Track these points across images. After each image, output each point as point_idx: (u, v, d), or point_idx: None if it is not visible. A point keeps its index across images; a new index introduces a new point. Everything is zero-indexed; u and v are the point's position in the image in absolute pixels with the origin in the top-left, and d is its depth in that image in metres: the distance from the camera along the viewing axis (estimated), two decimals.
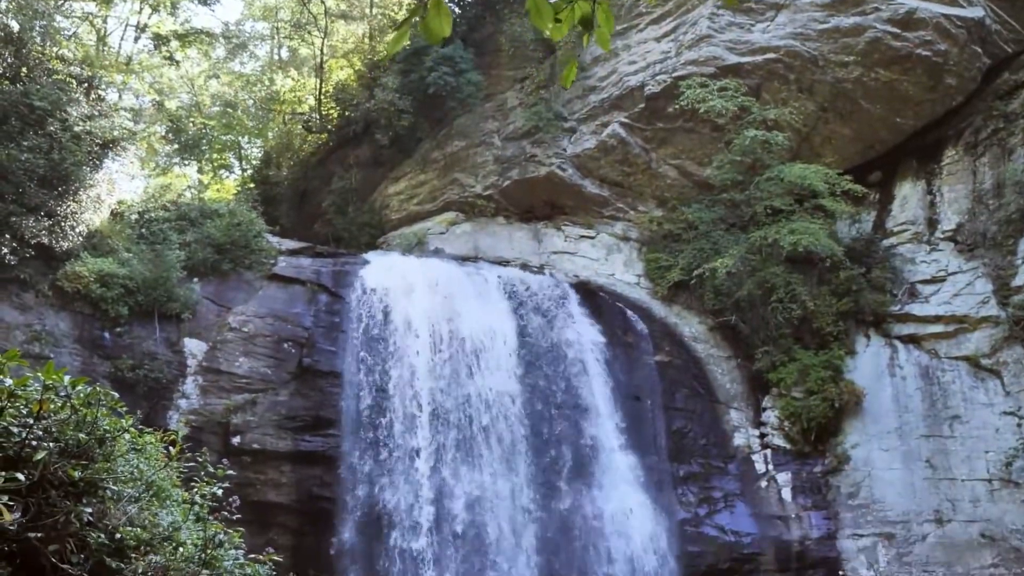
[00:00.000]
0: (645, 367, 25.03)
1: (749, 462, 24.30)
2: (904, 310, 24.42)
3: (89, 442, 5.28)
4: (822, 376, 23.65)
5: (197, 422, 20.96)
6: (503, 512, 21.73)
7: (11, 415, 4.89)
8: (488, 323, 23.92)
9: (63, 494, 5.01)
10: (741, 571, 22.59)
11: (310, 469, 21.52)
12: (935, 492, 22.76)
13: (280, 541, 20.06)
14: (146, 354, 21.07)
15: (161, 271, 21.74)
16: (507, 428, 22.64)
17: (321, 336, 22.99)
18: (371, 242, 29.86)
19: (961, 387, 23.40)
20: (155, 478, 6.08)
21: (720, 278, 24.69)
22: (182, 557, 5.60)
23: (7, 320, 19.95)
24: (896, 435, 23.41)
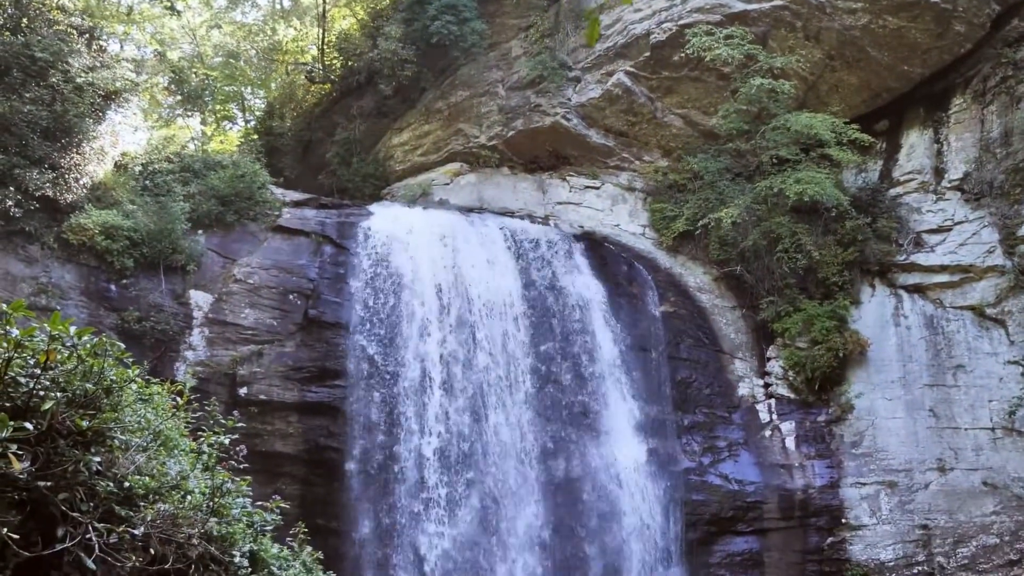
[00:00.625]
0: (650, 317, 25.08)
1: (753, 412, 24.43)
2: (909, 260, 24.36)
3: (96, 392, 5.32)
4: (827, 326, 23.67)
5: (204, 373, 21.08)
6: (509, 460, 21.91)
7: (18, 365, 4.92)
8: (493, 274, 23.95)
9: (71, 443, 5.05)
10: (744, 519, 22.80)
11: (317, 419, 21.68)
12: (938, 441, 22.89)
13: (288, 490, 20.27)
14: (152, 306, 21.14)
15: (166, 223, 21.74)
16: (512, 378, 22.76)
17: (326, 287, 23.04)
18: (375, 193, 29.77)
19: (966, 336, 23.42)
20: (163, 428, 6.13)
21: (725, 228, 24.61)
22: (190, 505, 5.66)
23: (13, 273, 20.00)
24: (900, 384, 23.49)
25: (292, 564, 6.99)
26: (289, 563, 6.94)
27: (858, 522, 22.64)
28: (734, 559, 22.66)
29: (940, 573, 21.95)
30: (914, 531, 22.36)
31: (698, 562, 22.55)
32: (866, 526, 22.57)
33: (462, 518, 21.25)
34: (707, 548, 22.70)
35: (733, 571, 22.57)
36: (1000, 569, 21.63)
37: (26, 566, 4.92)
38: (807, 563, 22.63)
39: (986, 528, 22.04)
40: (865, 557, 22.33)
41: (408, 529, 20.98)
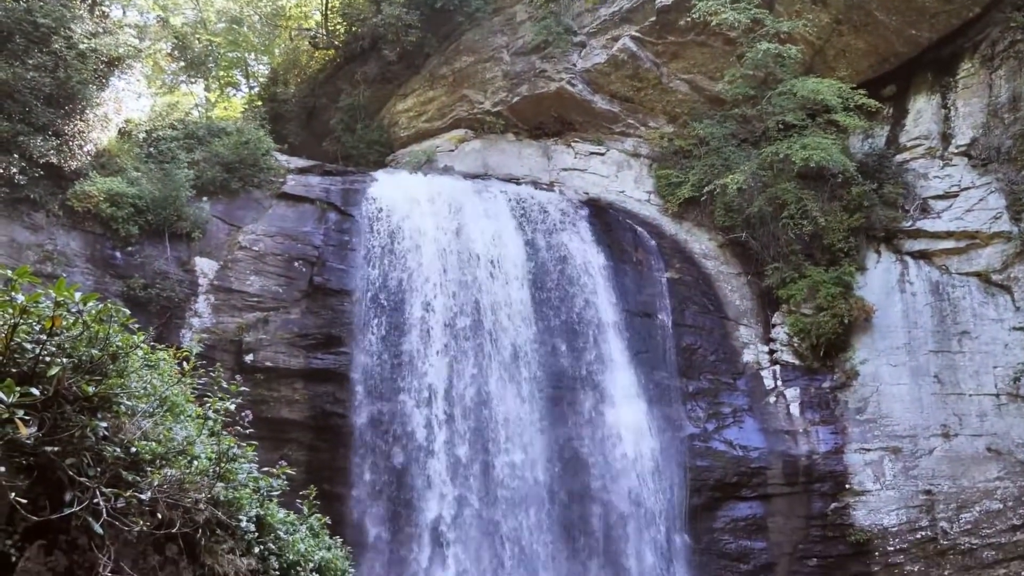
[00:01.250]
0: (655, 284, 25.07)
1: (758, 378, 24.47)
2: (915, 226, 24.28)
3: (102, 358, 5.33)
4: (832, 292, 23.65)
5: (210, 340, 21.12)
6: (513, 424, 22.00)
7: (24, 331, 4.94)
8: (498, 240, 23.92)
9: (78, 409, 5.08)
10: (749, 485, 22.91)
11: (323, 386, 21.76)
12: (942, 407, 22.93)
13: (294, 456, 20.40)
14: (158, 273, 21.16)
15: (170, 190, 21.72)
16: (516, 344, 22.79)
17: (331, 254, 23.05)
18: (380, 160, 29.70)
19: (971, 303, 23.40)
20: (169, 394, 6.15)
21: (731, 194, 24.53)
22: (197, 470, 5.70)
23: (19, 240, 20.01)
24: (905, 351, 23.50)
25: (299, 528, 7.04)
26: (296, 527, 6.99)
27: (862, 487, 22.73)
28: (738, 524, 22.80)
29: (943, 538, 22.07)
30: (918, 496, 22.45)
31: (702, 527, 22.70)
32: (870, 491, 22.67)
33: (467, 481, 21.37)
34: (711, 513, 22.84)
35: (737, 536, 22.72)
36: (1003, 534, 21.74)
37: (35, 530, 4.96)
38: (811, 528, 22.77)
39: (990, 493, 22.12)
40: (869, 522, 22.44)
41: (414, 493, 21.10)
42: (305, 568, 6.64)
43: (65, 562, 5.09)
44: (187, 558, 5.68)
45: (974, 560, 21.77)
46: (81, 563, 5.12)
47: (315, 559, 6.89)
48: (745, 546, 22.65)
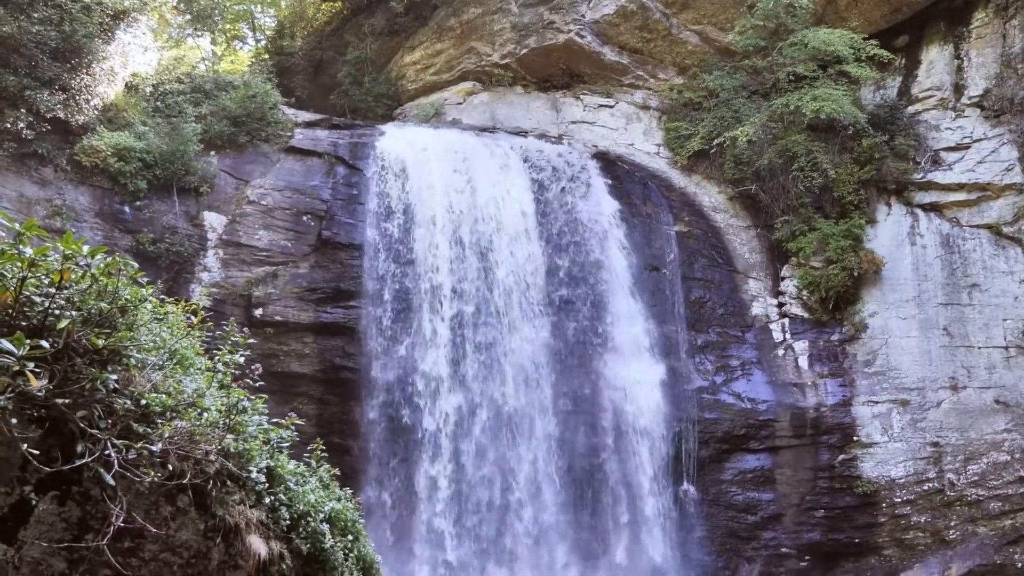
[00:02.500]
0: (664, 237, 25.00)
1: (767, 331, 24.48)
2: (927, 178, 24.14)
3: (111, 311, 5.35)
4: (842, 245, 23.56)
5: (219, 295, 21.20)
6: (523, 377, 22.09)
7: (33, 285, 4.95)
8: (506, 194, 23.84)
9: (88, 362, 5.11)
10: (756, 437, 23.02)
11: (332, 340, 21.85)
12: (951, 359, 22.94)
13: (305, 410, 20.54)
14: (166, 228, 21.19)
15: (178, 144, 21.67)
16: (525, 297, 22.82)
17: (340, 208, 23.02)
18: (387, 113, 29.55)
19: (981, 255, 23.32)
20: (178, 346, 6.18)
21: (741, 147, 24.39)
22: (207, 422, 5.73)
23: (27, 195, 20.03)
24: (914, 303, 23.47)
25: (309, 480, 7.10)
26: (306, 479, 7.06)
27: (869, 440, 22.82)
28: (746, 476, 22.94)
29: (950, 489, 22.18)
30: (925, 448, 22.54)
31: (710, 479, 22.84)
32: (877, 444, 22.76)
33: (478, 433, 21.51)
34: (719, 465, 22.97)
35: (745, 487, 22.87)
36: (1010, 485, 21.84)
37: (47, 481, 5.02)
38: (818, 480, 22.90)
39: (997, 445, 22.20)
40: (876, 474, 22.56)
41: (424, 444, 21.26)
42: (315, 518, 6.71)
43: (78, 512, 5.16)
44: (198, 509, 5.74)
45: (980, 511, 21.90)
46: (94, 513, 5.18)
47: (325, 510, 6.96)
48: (753, 497, 22.81)
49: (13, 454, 4.74)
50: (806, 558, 22.55)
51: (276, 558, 6.23)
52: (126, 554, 5.35)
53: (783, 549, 22.57)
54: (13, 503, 4.90)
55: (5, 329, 4.65)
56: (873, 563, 22.44)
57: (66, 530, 5.11)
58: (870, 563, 22.46)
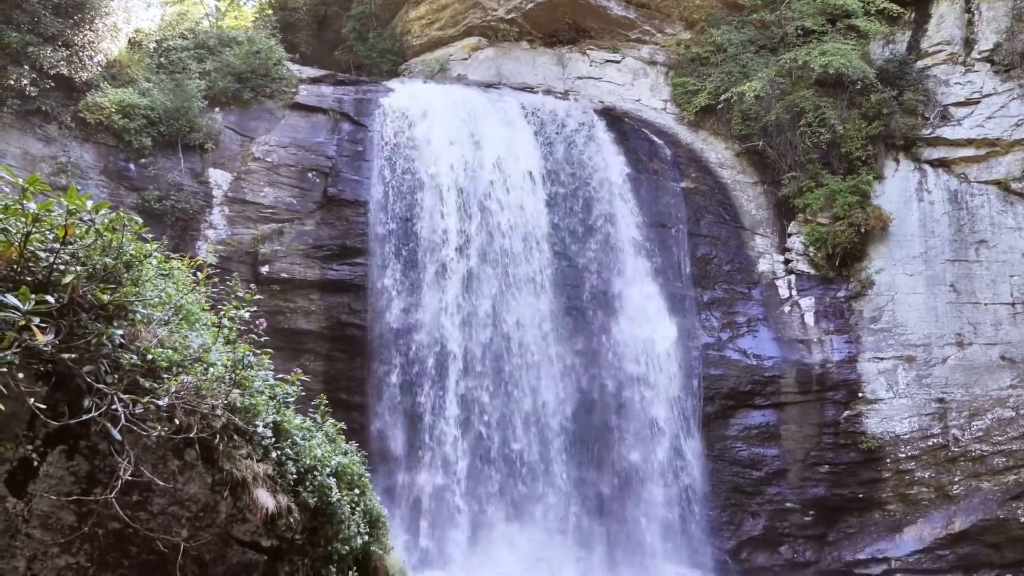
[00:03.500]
0: (670, 194, 24.91)
1: (773, 288, 24.46)
2: (935, 133, 23.97)
3: (116, 266, 5.36)
4: (849, 201, 23.47)
5: (225, 252, 21.22)
6: (529, 334, 22.15)
7: (37, 240, 4.96)
8: (512, 150, 23.74)
9: (93, 317, 5.13)
10: (762, 393, 23.09)
11: (338, 297, 21.89)
12: (957, 316, 22.94)
13: (312, 367, 20.65)
14: (172, 185, 21.16)
15: (182, 101, 21.57)
16: (532, 254, 22.79)
17: (345, 165, 22.95)
18: (392, 69, 29.34)
19: (989, 211, 23.23)
20: (183, 302, 6.20)
21: (748, 102, 24.22)
22: (213, 377, 5.76)
23: (32, 152, 19.98)
24: (921, 260, 23.42)
25: (315, 434, 7.14)
26: (312, 433, 7.10)
27: (875, 396, 22.88)
28: (751, 432, 23.05)
29: (954, 445, 22.28)
30: (930, 404, 22.61)
31: (715, 435, 22.96)
32: (882, 400, 22.83)
33: (485, 388, 21.61)
34: (724, 421, 23.07)
35: (750, 443, 22.99)
36: (1014, 441, 21.93)
37: (55, 436, 5.06)
38: (823, 436, 23.00)
39: (1002, 401, 22.26)
40: (881, 430, 22.65)
41: (430, 401, 21.37)
42: (322, 472, 6.76)
43: (86, 467, 5.21)
44: (205, 463, 5.79)
45: (984, 467, 22.01)
46: (102, 467, 5.23)
47: (332, 464, 7.00)
48: (757, 453, 22.93)
49: (20, 409, 4.77)
50: (810, 513, 22.73)
51: (283, 511, 6.29)
52: (134, 507, 5.41)
53: (787, 504, 22.74)
54: (22, 457, 4.94)
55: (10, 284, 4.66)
56: (877, 518, 22.61)
57: (75, 484, 5.16)
58: (874, 518, 22.63)
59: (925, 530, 21.86)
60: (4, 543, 4.94)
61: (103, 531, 5.31)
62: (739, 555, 22.53)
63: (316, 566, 6.63)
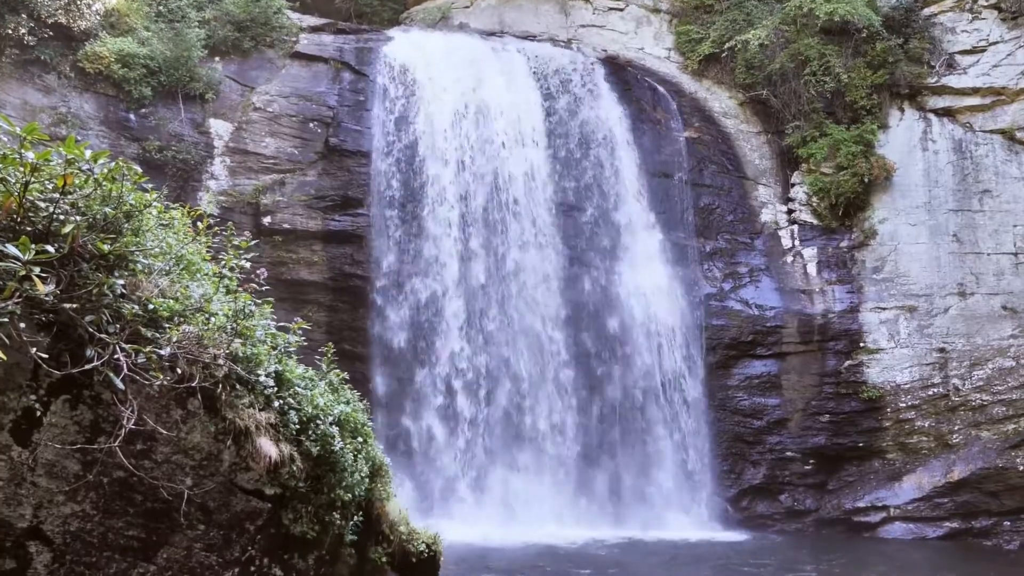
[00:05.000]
0: (674, 143, 24.78)
1: (776, 238, 24.41)
2: (941, 82, 23.77)
3: (116, 216, 5.36)
4: (853, 151, 23.34)
5: (227, 203, 21.20)
6: (532, 282, 22.17)
7: (37, 190, 4.95)
8: (514, 99, 23.58)
9: (94, 267, 5.13)
10: (764, 343, 23.15)
11: (341, 248, 21.88)
12: (960, 266, 22.92)
13: (315, 318, 20.70)
14: (173, 135, 21.07)
15: (182, 50, 21.40)
16: (535, 204, 22.75)
17: (346, 115, 22.82)
18: (393, 18, 29.05)
19: (994, 161, 23.11)
20: (184, 252, 6.20)
21: (752, 51, 24.00)
22: (214, 327, 5.78)
23: (32, 103, 19.89)
24: (925, 210, 23.35)
25: (317, 384, 7.17)
26: (314, 383, 7.13)
27: (876, 346, 22.94)
28: (752, 381, 23.14)
29: (955, 395, 22.37)
30: (931, 354, 22.67)
31: (717, 385, 23.06)
32: (884, 350, 22.88)
33: (486, 336, 21.69)
34: (726, 371, 23.16)
35: (751, 393, 23.09)
36: (1014, 391, 22.01)
37: (59, 386, 5.10)
38: (824, 385, 23.09)
39: (1003, 351, 22.32)
40: (881, 380, 22.74)
41: (432, 349, 21.48)
42: (324, 421, 6.79)
43: (90, 416, 5.25)
44: (208, 412, 5.83)
45: (984, 416, 22.12)
46: (106, 417, 5.27)
47: (334, 413, 7.04)
48: (759, 403, 23.05)
49: (24, 359, 4.80)
50: (810, 462, 22.89)
51: (286, 460, 6.34)
52: (139, 456, 5.46)
53: (788, 453, 22.90)
54: (26, 407, 4.98)
55: (10, 234, 4.66)
56: (876, 466, 22.78)
57: (79, 433, 5.20)
58: (873, 466, 22.80)
59: (924, 478, 22.03)
60: (11, 491, 5.00)
61: (108, 479, 5.36)
62: (740, 503, 22.74)
63: (320, 513, 6.70)
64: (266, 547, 6.35)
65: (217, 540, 6.01)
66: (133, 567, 5.56)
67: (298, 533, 6.50)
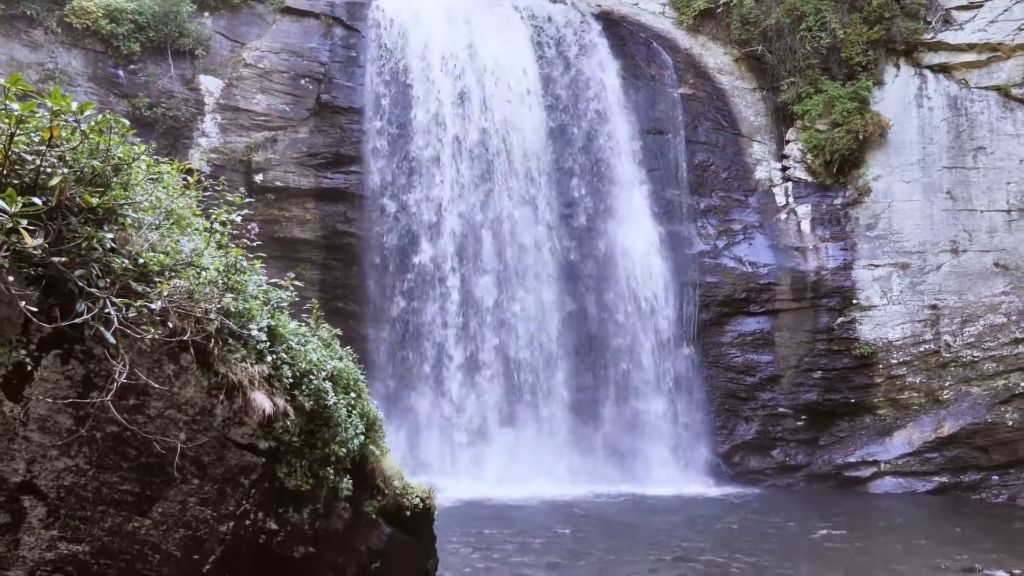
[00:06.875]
0: (668, 100, 24.65)
1: (770, 195, 24.38)
2: (937, 38, 23.63)
3: (104, 169, 5.29)
4: (848, 107, 23.24)
5: (219, 160, 21.07)
6: (524, 239, 22.14)
7: (23, 142, 4.89)
8: (508, 54, 23.39)
9: (83, 221, 5.08)
10: (757, 300, 23.20)
11: (334, 206, 21.80)
12: (953, 223, 22.94)
13: (308, 276, 20.68)
14: (162, 92, 20.88)
15: (170, 5, 21.15)
16: (528, 161, 22.65)
17: (338, 71, 22.62)
18: None
19: (989, 118, 23.04)
20: (174, 206, 6.15)
21: (748, 6, 23.86)
22: (206, 281, 5.74)
23: (19, 59, 19.66)
24: (919, 167, 23.31)
25: (310, 339, 7.16)
26: (307, 339, 7.11)
27: (869, 303, 23.01)
28: (745, 338, 23.23)
29: (946, 351, 22.48)
30: (923, 311, 22.74)
31: (710, 341, 23.15)
32: (876, 306, 22.95)
33: (479, 295, 21.70)
34: (719, 328, 23.24)
35: (744, 350, 23.19)
36: (1005, 347, 22.12)
37: (49, 340, 5.07)
38: (816, 342, 23.19)
39: (994, 308, 22.39)
40: (874, 336, 22.83)
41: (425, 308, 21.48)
42: (318, 376, 6.78)
43: (82, 371, 5.22)
44: (200, 367, 5.80)
45: (975, 372, 22.25)
46: (98, 372, 5.25)
47: (327, 368, 7.02)
48: (752, 359, 23.15)
49: (13, 313, 4.76)
50: (802, 417, 23.04)
51: (280, 414, 6.34)
52: (132, 411, 5.44)
53: (780, 409, 23.04)
54: (16, 362, 4.95)
55: None
56: (868, 422, 22.94)
57: (71, 388, 5.18)
58: (864, 422, 22.96)
59: (915, 434, 22.20)
60: (3, 446, 4.99)
61: (101, 434, 5.35)
62: (732, 458, 22.92)
63: (314, 468, 6.71)
64: (261, 501, 6.37)
65: (212, 494, 6.02)
66: (128, 521, 5.57)
67: (292, 487, 6.51)
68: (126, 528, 5.57)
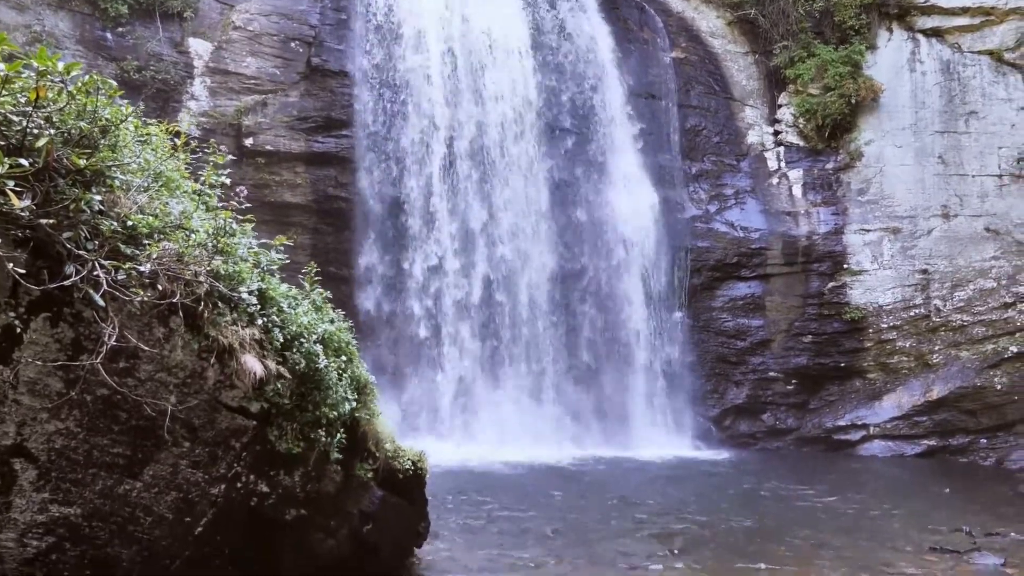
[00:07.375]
0: (660, 64, 24.52)
1: (762, 159, 24.34)
2: (930, 2, 23.51)
3: (91, 131, 5.26)
4: (840, 72, 23.16)
5: (208, 124, 20.90)
6: (518, 205, 22.10)
7: (9, 103, 4.85)
8: (500, 17, 23.19)
9: (71, 183, 5.06)
10: (748, 265, 23.23)
11: (324, 170, 21.68)
12: (944, 188, 22.94)
13: (299, 240, 20.59)
14: (151, 55, 20.67)
15: None
16: (520, 124, 22.54)
17: (328, 34, 22.41)
18: None
19: (981, 82, 22.99)
20: (163, 169, 6.11)
21: None
22: (195, 244, 5.73)
23: (4, 21, 19.41)
24: (911, 131, 23.28)
25: (301, 303, 7.16)
26: (298, 302, 7.11)
27: (859, 267, 23.05)
28: (736, 303, 23.28)
29: (936, 315, 22.57)
30: (914, 276, 22.80)
31: (701, 306, 23.21)
32: (867, 271, 23.01)
33: (472, 258, 21.68)
34: (711, 293, 23.28)
35: (735, 314, 23.25)
36: (994, 311, 22.22)
37: (38, 303, 5.06)
38: (807, 307, 23.26)
39: (984, 272, 22.46)
40: (864, 301, 22.90)
41: (417, 272, 21.46)
42: (309, 340, 6.79)
43: (71, 334, 5.22)
44: (191, 330, 5.81)
45: (964, 336, 22.36)
46: (87, 335, 5.25)
47: (318, 331, 7.04)
48: (742, 324, 23.22)
49: (2, 275, 4.74)
50: (792, 382, 23.16)
51: (271, 377, 6.35)
52: (122, 374, 5.45)
53: (771, 373, 23.15)
54: (5, 324, 4.95)
55: None
56: (857, 386, 23.07)
57: (60, 351, 5.18)
58: (854, 386, 23.09)
59: (904, 397, 22.35)
60: None
61: (91, 397, 5.36)
62: (722, 422, 23.05)
63: (305, 431, 6.73)
64: (252, 463, 6.40)
65: (203, 457, 6.05)
66: (119, 483, 5.60)
67: (283, 450, 6.54)
68: (117, 491, 5.60)
